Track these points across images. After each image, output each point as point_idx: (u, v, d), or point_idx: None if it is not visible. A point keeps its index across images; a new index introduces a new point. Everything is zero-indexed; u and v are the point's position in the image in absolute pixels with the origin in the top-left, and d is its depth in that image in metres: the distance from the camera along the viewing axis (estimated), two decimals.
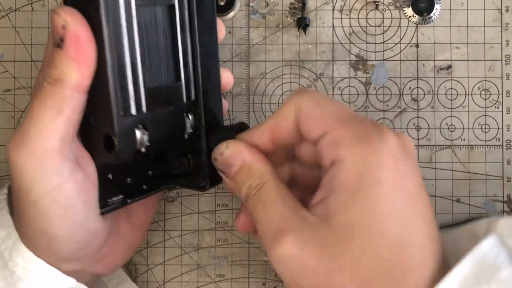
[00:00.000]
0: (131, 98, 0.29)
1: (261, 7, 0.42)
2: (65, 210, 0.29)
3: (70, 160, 0.29)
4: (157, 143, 0.31)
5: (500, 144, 0.41)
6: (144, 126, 0.30)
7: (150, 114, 0.30)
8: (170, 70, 0.31)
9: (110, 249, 0.34)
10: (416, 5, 0.41)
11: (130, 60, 0.29)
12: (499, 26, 0.41)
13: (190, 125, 0.33)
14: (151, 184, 0.35)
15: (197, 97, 0.32)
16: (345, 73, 0.41)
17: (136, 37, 0.29)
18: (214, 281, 0.41)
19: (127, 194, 0.33)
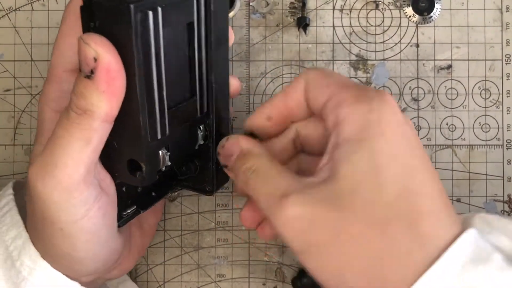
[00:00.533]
0: (157, 123, 0.28)
1: (261, 6, 0.41)
2: (92, 236, 0.29)
3: (94, 187, 0.28)
4: (176, 161, 0.31)
5: (500, 144, 0.41)
6: (166, 147, 0.30)
7: (171, 134, 0.30)
8: (186, 86, 0.31)
9: (124, 257, 0.35)
10: (416, 4, 0.41)
11: (157, 85, 0.28)
12: (499, 25, 0.41)
13: (201, 137, 0.33)
14: (159, 190, 0.35)
15: (209, 109, 0.32)
16: (346, 72, 0.41)
17: (162, 59, 0.28)
18: (214, 281, 0.41)
19: (139, 205, 0.33)
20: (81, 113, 0.27)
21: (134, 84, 0.26)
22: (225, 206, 0.41)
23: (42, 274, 0.30)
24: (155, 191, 0.35)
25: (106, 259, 0.31)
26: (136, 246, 0.36)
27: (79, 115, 0.27)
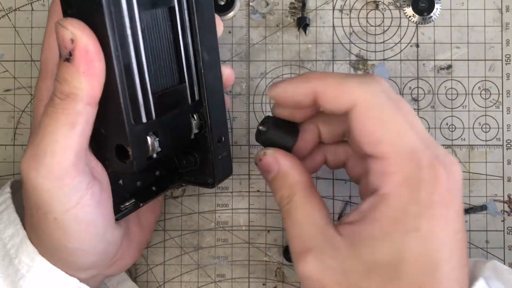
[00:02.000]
0: (141, 106, 0.29)
1: (261, 6, 0.41)
2: (86, 225, 0.29)
3: (86, 174, 0.28)
4: (167, 148, 0.31)
5: (500, 144, 0.41)
6: (154, 132, 0.30)
7: (159, 120, 0.30)
8: (174, 72, 0.31)
9: (123, 252, 0.35)
10: (416, 4, 0.41)
11: (137, 68, 0.28)
12: (499, 26, 0.41)
13: (195, 125, 0.33)
14: (160, 185, 0.35)
15: (201, 97, 0.32)
16: (346, 72, 0.41)
17: (141, 43, 0.28)
18: (214, 281, 0.41)
19: (138, 198, 0.33)
20: (64, 98, 0.27)
21: (113, 67, 0.27)
22: (225, 206, 0.41)
23: (41, 271, 0.30)
24: (156, 186, 0.35)
25: (103, 252, 0.31)
26: (135, 242, 0.36)
27: (62, 100, 0.27)
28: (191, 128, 0.33)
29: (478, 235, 0.41)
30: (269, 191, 0.41)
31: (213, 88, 0.33)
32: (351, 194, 0.41)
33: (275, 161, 0.31)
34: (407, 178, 0.27)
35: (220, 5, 0.41)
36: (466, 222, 0.41)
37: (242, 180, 0.41)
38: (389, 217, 0.27)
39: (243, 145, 0.41)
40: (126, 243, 0.35)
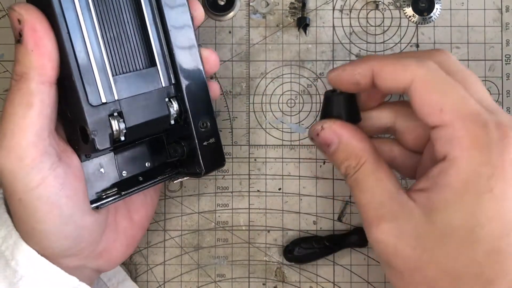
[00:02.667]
0: (99, 87, 0.29)
1: (261, 7, 0.41)
2: (50, 206, 0.29)
3: (50, 155, 0.29)
4: (137, 130, 0.31)
5: None
6: (119, 113, 0.30)
7: (125, 101, 0.30)
8: (143, 55, 0.32)
9: (109, 244, 0.34)
10: (416, 5, 0.41)
11: (93, 49, 0.29)
12: (499, 26, 0.41)
13: (175, 110, 0.32)
14: (148, 176, 0.34)
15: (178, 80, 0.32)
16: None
17: (96, 25, 0.29)
18: (214, 281, 0.41)
19: (121, 187, 0.33)
20: (18, 79, 0.28)
21: (64, 48, 0.28)
22: (225, 206, 0.41)
23: (40, 271, 0.30)
24: (144, 176, 0.34)
25: (76, 237, 0.31)
26: (124, 235, 0.36)
27: (17, 81, 0.28)
28: (168, 112, 0.32)
29: None
30: (269, 191, 0.41)
31: (189, 70, 0.33)
32: (351, 194, 0.41)
33: (334, 134, 0.31)
34: (475, 141, 0.27)
35: (220, 5, 0.41)
36: None
37: (242, 180, 0.41)
38: (461, 181, 0.27)
39: (243, 145, 0.41)
40: (112, 234, 0.35)
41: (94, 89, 0.29)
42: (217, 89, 0.36)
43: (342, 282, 0.41)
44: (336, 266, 0.41)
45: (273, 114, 0.41)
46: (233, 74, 0.41)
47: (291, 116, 0.42)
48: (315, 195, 0.41)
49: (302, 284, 0.41)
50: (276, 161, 0.41)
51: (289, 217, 0.41)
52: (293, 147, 0.41)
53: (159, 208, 0.41)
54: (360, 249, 0.41)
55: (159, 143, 0.35)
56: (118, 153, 0.34)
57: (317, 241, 0.40)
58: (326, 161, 0.41)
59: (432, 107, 0.28)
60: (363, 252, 0.41)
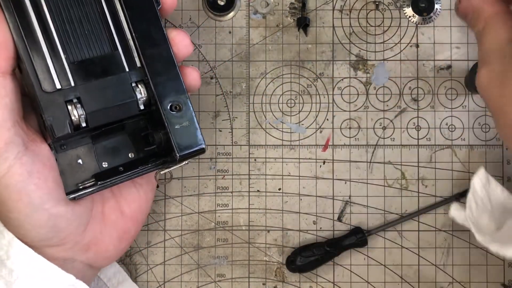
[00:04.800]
0: (53, 74, 0.29)
1: (261, 7, 0.42)
2: (18, 194, 0.29)
3: (15, 145, 0.29)
4: (100, 116, 0.31)
5: (500, 144, 0.41)
6: (78, 99, 0.30)
7: (84, 87, 0.30)
8: (104, 39, 0.31)
9: (95, 236, 0.34)
10: (416, 5, 0.41)
11: (45, 36, 0.29)
12: None
13: (143, 95, 0.32)
14: (131, 166, 0.34)
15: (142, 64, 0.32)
16: (345, 73, 0.41)
17: (46, 10, 0.29)
18: (214, 281, 0.41)
19: (100, 177, 0.33)
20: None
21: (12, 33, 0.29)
22: (225, 206, 0.41)
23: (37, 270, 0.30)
24: (125, 167, 0.34)
25: (51, 226, 0.31)
26: (114, 228, 0.35)
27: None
28: (135, 96, 0.32)
29: None
30: (269, 191, 0.41)
31: (154, 51, 0.32)
32: (351, 194, 0.41)
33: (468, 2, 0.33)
34: None
35: (220, 5, 0.41)
36: None
37: (242, 180, 0.41)
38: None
39: (243, 145, 0.41)
40: (98, 226, 0.34)
41: (47, 76, 0.29)
42: (195, 75, 0.34)
43: (342, 282, 0.41)
44: (336, 266, 0.41)
45: (273, 114, 0.42)
46: (233, 74, 0.41)
47: (291, 116, 0.42)
48: (315, 195, 0.41)
49: (302, 284, 0.41)
50: (276, 161, 0.41)
51: (289, 217, 0.41)
52: (293, 147, 0.41)
53: (159, 208, 0.41)
54: (360, 249, 0.41)
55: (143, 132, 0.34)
56: (97, 144, 0.34)
57: (317, 248, 0.40)
58: (326, 161, 0.41)
59: None
60: (363, 252, 0.41)
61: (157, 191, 0.41)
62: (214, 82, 0.41)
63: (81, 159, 0.33)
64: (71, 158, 0.33)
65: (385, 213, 0.41)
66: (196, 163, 0.41)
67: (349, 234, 0.40)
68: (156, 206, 0.41)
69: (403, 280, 0.41)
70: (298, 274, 0.41)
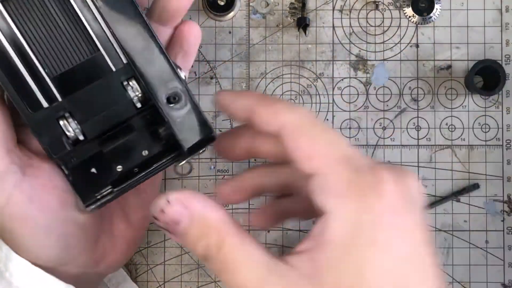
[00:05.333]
0: (36, 93, 0.28)
1: (261, 7, 0.42)
2: (23, 221, 0.29)
3: (12, 173, 0.28)
4: (96, 125, 0.29)
5: (500, 144, 0.41)
6: (69, 113, 0.29)
7: (72, 98, 0.29)
8: (82, 43, 0.29)
9: (107, 249, 0.33)
10: (416, 5, 0.41)
11: (19, 56, 0.28)
12: (499, 26, 0.41)
13: (137, 91, 0.30)
14: (145, 166, 0.31)
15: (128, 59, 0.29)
16: (345, 73, 0.41)
17: (16, 31, 0.28)
18: (214, 281, 0.41)
19: (115, 183, 0.30)
20: None
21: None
22: (225, 206, 0.41)
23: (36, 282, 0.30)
24: (140, 167, 0.31)
25: (63, 246, 0.30)
26: (122, 238, 0.34)
27: None
28: (127, 96, 0.30)
29: (478, 235, 0.41)
30: None
31: (137, 44, 0.29)
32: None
33: (183, 208, 0.26)
34: (349, 186, 0.24)
35: (220, 5, 0.41)
36: (465, 215, 0.41)
37: None
38: (343, 234, 0.24)
39: None
40: (109, 239, 0.33)
41: (31, 97, 0.28)
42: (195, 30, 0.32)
43: None
44: None
45: None
46: (233, 74, 0.41)
47: None
48: None
49: None
50: None
51: None
52: None
53: None
54: None
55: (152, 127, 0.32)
56: (106, 148, 0.31)
57: None
58: None
59: (303, 153, 0.25)
60: None
61: None
62: (214, 82, 0.41)
63: (94, 168, 0.31)
64: (83, 169, 0.30)
65: None
66: (196, 163, 0.41)
67: None
68: None
69: None
70: None
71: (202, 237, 0.25)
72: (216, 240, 0.25)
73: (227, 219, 0.25)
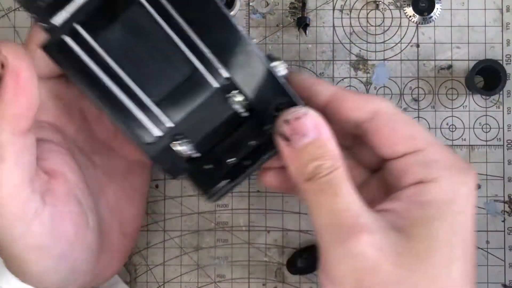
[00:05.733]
0: (146, 124, 0.28)
1: (261, 6, 0.41)
2: (37, 251, 0.28)
3: (32, 202, 0.27)
4: (208, 140, 0.29)
5: (501, 144, 0.41)
6: (181, 134, 0.29)
7: (181, 120, 0.28)
8: (179, 63, 0.28)
9: (106, 265, 0.33)
10: (416, 4, 0.41)
11: (122, 89, 0.27)
12: (499, 26, 0.41)
13: (242, 102, 0.29)
14: (255, 155, 0.31)
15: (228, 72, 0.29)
16: (346, 73, 0.41)
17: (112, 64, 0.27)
18: (214, 281, 0.41)
19: (231, 175, 0.30)
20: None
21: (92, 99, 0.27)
22: (225, 206, 0.41)
23: None
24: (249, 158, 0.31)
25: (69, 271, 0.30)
26: (118, 253, 0.34)
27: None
28: (233, 108, 0.29)
29: (478, 235, 0.41)
30: (269, 191, 0.41)
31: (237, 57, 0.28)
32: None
33: (315, 125, 0.27)
34: (452, 163, 0.28)
35: None
36: None
37: None
38: (443, 199, 0.27)
39: None
40: (108, 255, 0.33)
41: (142, 128, 0.28)
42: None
43: None
44: None
45: None
46: None
47: None
48: None
49: (302, 284, 0.41)
50: None
51: (289, 217, 0.41)
52: None
53: (159, 209, 0.41)
54: None
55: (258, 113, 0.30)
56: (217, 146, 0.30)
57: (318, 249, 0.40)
58: None
59: (402, 135, 0.28)
60: None
61: (156, 191, 0.41)
62: None
63: (210, 165, 0.30)
64: (200, 169, 0.30)
65: None
66: None
67: None
68: (156, 207, 0.41)
69: None
70: (298, 275, 0.41)
71: (318, 158, 0.27)
72: (330, 164, 0.27)
73: (343, 159, 0.28)
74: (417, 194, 0.27)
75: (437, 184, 0.27)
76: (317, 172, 0.27)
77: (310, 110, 0.27)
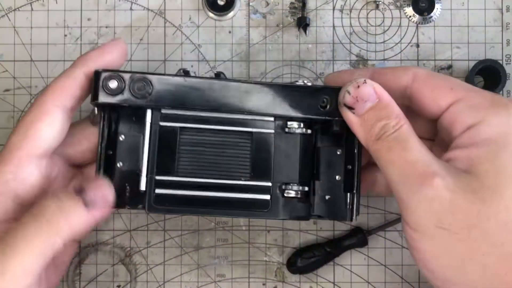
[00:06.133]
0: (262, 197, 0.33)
1: (261, 6, 0.41)
2: None
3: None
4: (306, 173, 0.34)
5: None
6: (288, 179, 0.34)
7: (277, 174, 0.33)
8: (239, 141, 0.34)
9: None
10: (416, 4, 0.41)
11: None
12: (499, 26, 0.41)
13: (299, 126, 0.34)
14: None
15: None
16: None
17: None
18: (214, 281, 0.41)
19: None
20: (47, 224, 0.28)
21: None
22: None
23: None
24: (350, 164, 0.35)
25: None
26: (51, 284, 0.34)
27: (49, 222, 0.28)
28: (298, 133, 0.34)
29: None
30: None
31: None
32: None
33: (374, 90, 0.30)
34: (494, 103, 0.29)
35: (220, 5, 0.41)
36: None
37: None
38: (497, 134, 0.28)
39: None
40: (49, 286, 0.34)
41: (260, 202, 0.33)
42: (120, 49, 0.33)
43: (342, 282, 0.41)
44: (336, 266, 0.41)
45: None
46: (233, 74, 0.41)
47: None
48: None
49: (302, 284, 0.41)
50: None
51: None
52: None
53: None
54: (360, 249, 0.41)
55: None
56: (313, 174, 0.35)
57: (317, 249, 0.40)
58: None
59: (442, 89, 0.30)
60: (363, 252, 0.41)
61: None
62: None
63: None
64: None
65: (385, 213, 0.41)
66: None
67: (350, 234, 0.40)
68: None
69: (403, 280, 0.41)
70: (298, 275, 0.41)
71: (383, 118, 0.30)
72: (395, 123, 0.29)
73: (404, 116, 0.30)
74: (472, 137, 0.29)
75: (486, 123, 0.29)
76: (384, 131, 0.29)
77: (367, 79, 0.30)
